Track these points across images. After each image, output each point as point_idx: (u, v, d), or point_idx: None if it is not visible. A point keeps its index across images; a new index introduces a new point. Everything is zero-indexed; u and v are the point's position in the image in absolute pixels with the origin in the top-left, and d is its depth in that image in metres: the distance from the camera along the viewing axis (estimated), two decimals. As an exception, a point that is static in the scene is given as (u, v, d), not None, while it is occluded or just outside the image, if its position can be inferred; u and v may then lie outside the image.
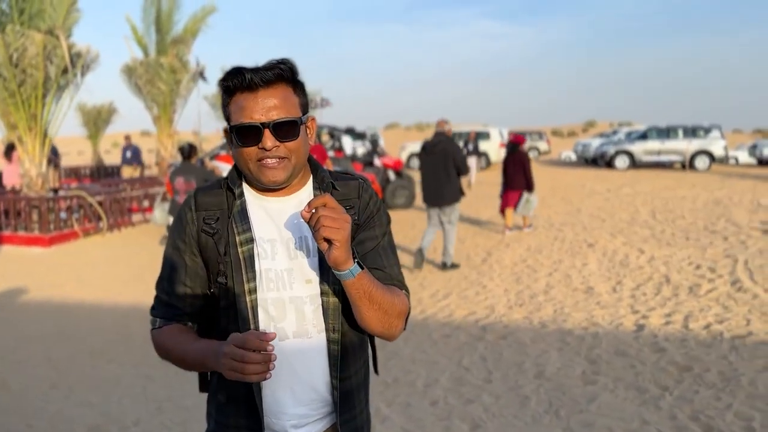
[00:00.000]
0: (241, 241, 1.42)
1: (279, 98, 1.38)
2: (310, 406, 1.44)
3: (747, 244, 8.33)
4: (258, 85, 1.36)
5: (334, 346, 1.43)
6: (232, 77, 1.38)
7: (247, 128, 1.36)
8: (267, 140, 1.36)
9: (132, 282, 7.84)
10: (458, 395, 4.16)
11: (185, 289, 1.48)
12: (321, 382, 1.44)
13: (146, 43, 15.57)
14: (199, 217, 1.46)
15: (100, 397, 4.45)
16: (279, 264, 1.42)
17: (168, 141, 15.67)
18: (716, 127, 22.16)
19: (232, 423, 1.46)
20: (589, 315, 5.74)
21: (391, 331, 1.42)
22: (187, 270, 1.47)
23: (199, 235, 1.46)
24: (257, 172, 1.40)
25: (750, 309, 5.64)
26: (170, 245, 1.51)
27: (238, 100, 1.39)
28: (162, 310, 1.51)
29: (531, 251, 8.73)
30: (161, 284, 1.52)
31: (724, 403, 3.83)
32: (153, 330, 1.52)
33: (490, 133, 24.70)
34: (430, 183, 7.59)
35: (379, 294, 1.35)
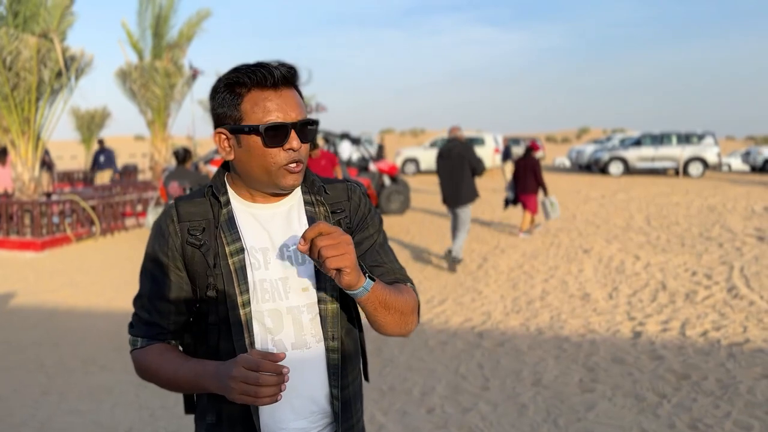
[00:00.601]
0: (231, 252, 1.34)
1: (297, 98, 1.33)
2: (310, 419, 1.39)
3: (742, 251, 8.33)
4: (280, 82, 1.30)
5: (334, 354, 1.38)
6: (252, 72, 1.29)
7: (279, 127, 1.29)
8: (293, 141, 1.30)
9: (125, 287, 7.76)
10: (455, 403, 4.11)
11: (168, 306, 1.38)
12: (320, 394, 1.39)
13: (141, 47, 15.53)
14: (183, 228, 1.37)
15: (91, 404, 4.38)
16: (273, 273, 1.36)
17: (162, 145, 15.60)
18: (710, 134, 22.25)
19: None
20: (586, 322, 5.71)
21: (407, 328, 1.40)
22: (170, 285, 1.38)
23: (184, 248, 1.36)
24: (278, 175, 1.33)
25: (747, 316, 5.62)
26: (149, 260, 1.41)
27: (258, 96, 1.30)
28: (143, 329, 1.41)
29: (527, 257, 8.70)
30: (141, 301, 1.41)
31: (723, 411, 3.81)
32: (134, 350, 1.42)
33: (484, 139, 24.70)
34: (447, 185, 8.00)
35: (393, 298, 1.32)
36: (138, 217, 12.92)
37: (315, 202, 1.44)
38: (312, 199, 1.44)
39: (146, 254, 1.42)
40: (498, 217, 12.90)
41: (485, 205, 15.19)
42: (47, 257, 9.95)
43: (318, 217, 1.42)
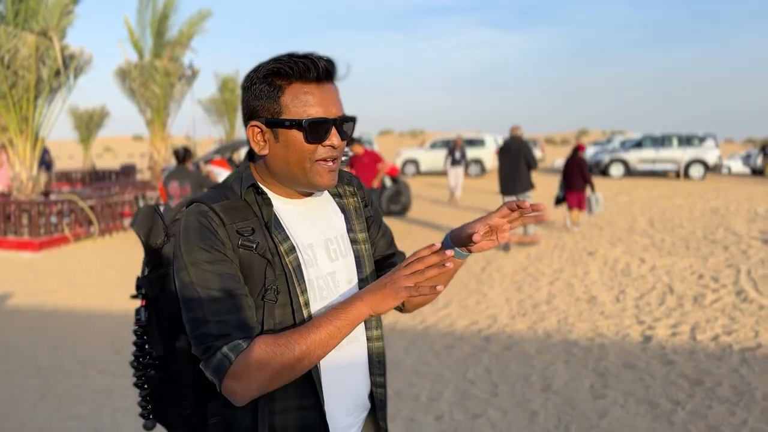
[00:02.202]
0: (285, 251, 1.25)
1: (338, 93, 1.28)
2: (355, 414, 1.37)
3: (748, 254, 8.25)
4: (324, 76, 1.24)
5: (379, 342, 1.39)
6: (296, 64, 1.21)
7: (322, 122, 1.23)
8: (334, 137, 1.25)
9: (124, 288, 7.66)
10: (464, 410, 4.02)
11: (249, 300, 1.20)
12: (364, 387, 1.37)
13: (142, 46, 15.41)
14: (232, 230, 1.22)
15: (90, 409, 4.28)
16: (323, 269, 1.31)
17: (161, 145, 15.50)
18: (711, 136, 22.18)
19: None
20: (594, 325, 5.62)
21: None
22: (242, 280, 1.21)
23: (236, 250, 1.22)
24: (314, 172, 1.25)
25: (757, 320, 5.53)
26: (207, 261, 1.18)
27: (300, 89, 1.22)
28: (237, 331, 1.16)
29: (531, 259, 8.61)
30: (215, 306, 1.16)
31: (739, 419, 3.71)
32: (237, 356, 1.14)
33: (485, 140, 24.61)
34: (506, 176, 9.10)
35: None
36: (137, 218, 12.81)
37: (344, 193, 1.44)
38: (339, 191, 1.43)
39: (197, 260, 1.19)
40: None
41: (487, 207, 15.12)
42: (45, 257, 9.84)
43: (349, 209, 1.42)
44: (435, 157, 24.27)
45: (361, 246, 1.40)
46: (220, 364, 1.13)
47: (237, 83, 25.78)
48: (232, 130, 26.31)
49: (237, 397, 1.15)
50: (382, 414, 1.40)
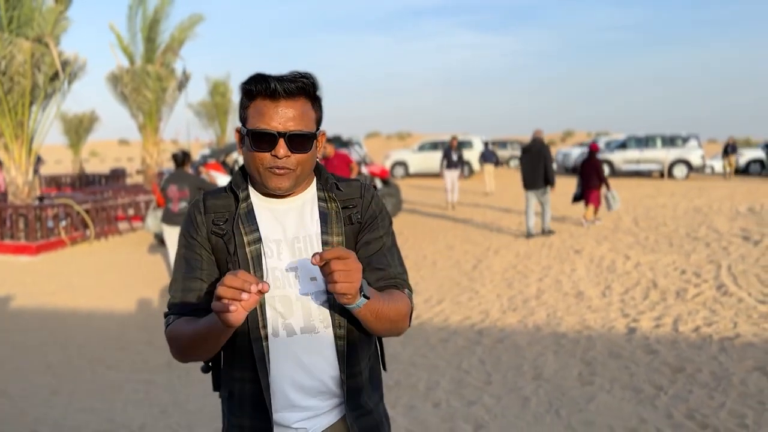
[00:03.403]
0: (249, 241, 1.46)
1: (298, 111, 1.43)
2: (319, 398, 1.48)
3: (729, 250, 8.55)
4: (280, 94, 1.40)
5: (341, 341, 1.47)
6: (257, 83, 1.41)
7: (264, 134, 1.41)
8: (280, 149, 1.41)
9: (124, 290, 7.83)
10: (460, 397, 4.25)
11: (200, 284, 1.49)
12: (328, 376, 1.47)
13: (132, 51, 15.54)
14: (209, 219, 1.51)
15: (102, 402, 4.46)
16: (284, 262, 1.47)
17: (154, 149, 15.62)
18: (694, 137, 22.63)
19: (236, 422, 1.49)
20: (582, 319, 5.88)
21: (397, 332, 1.51)
22: (201, 265, 1.50)
23: (209, 237, 1.50)
24: (265, 176, 1.45)
25: (736, 312, 5.81)
26: (183, 245, 1.54)
27: (259, 105, 1.43)
28: (175, 309, 1.51)
29: (520, 257, 8.88)
30: (175, 285, 1.53)
31: (718, 402, 3.97)
32: (167, 328, 1.50)
33: (473, 142, 24.91)
34: (528, 174, 10.34)
35: (385, 309, 1.41)
36: (131, 221, 12.95)
37: (328, 198, 1.54)
38: (325, 195, 1.54)
39: (179, 242, 1.55)
40: (489, 219, 13.08)
41: (477, 208, 15.38)
42: (42, 261, 9.97)
43: (330, 213, 1.52)
44: (424, 159, 24.55)
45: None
46: (165, 325, 1.51)
47: (228, 87, 25.91)
48: (223, 134, 26.43)
49: (172, 355, 1.51)
50: (349, 412, 1.47)
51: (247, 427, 1.48)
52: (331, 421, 1.50)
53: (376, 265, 1.52)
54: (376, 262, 1.52)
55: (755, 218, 11.31)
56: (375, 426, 1.55)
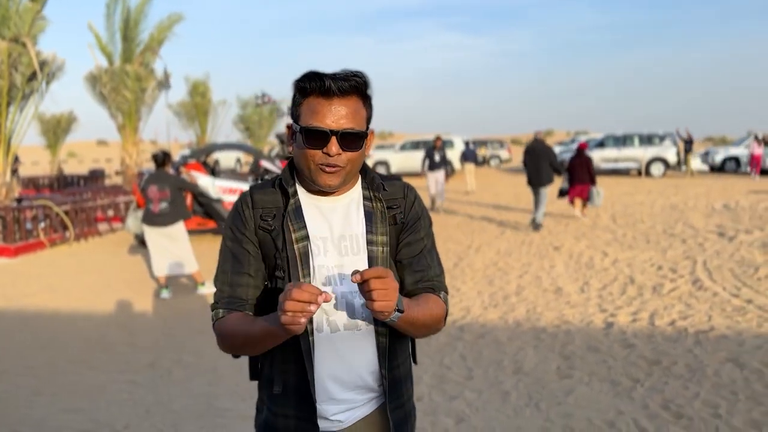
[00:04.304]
0: (297, 238, 1.50)
1: (351, 109, 1.45)
2: (356, 392, 1.53)
3: (704, 247, 8.73)
4: (334, 93, 1.43)
5: (383, 338, 1.52)
6: (311, 80, 1.44)
7: (317, 132, 1.43)
8: (332, 146, 1.43)
9: (105, 291, 7.79)
10: (442, 392, 4.32)
11: (248, 279, 1.54)
12: (367, 372, 1.53)
13: (111, 51, 15.41)
14: (256, 214, 1.53)
15: (86, 403, 4.46)
16: (330, 260, 1.50)
17: (133, 149, 15.52)
18: (670, 135, 22.97)
19: (281, 412, 1.55)
20: (561, 314, 5.98)
21: (431, 333, 1.58)
22: (250, 260, 1.54)
23: (257, 231, 1.53)
24: (315, 173, 1.48)
25: (711, 306, 5.95)
26: (230, 239, 1.56)
27: (312, 103, 1.45)
28: (225, 302, 1.54)
29: (501, 255, 8.98)
30: (222, 277, 1.56)
31: (692, 393, 4.08)
32: (216, 321, 1.54)
33: (454, 142, 25.04)
34: (531, 172, 11.11)
35: (420, 317, 1.47)
36: (110, 222, 12.86)
37: (373, 198, 1.57)
38: (371, 195, 1.58)
39: (226, 235, 1.58)
40: (470, 218, 13.19)
41: (459, 206, 15.48)
42: (21, 263, 9.87)
43: (375, 212, 1.56)
44: (405, 159, 24.65)
45: (378, 248, 1.53)
46: (213, 318, 1.56)
47: (208, 87, 25.74)
48: (204, 134, 26.27)
49: (219, 348, 1.57)
50: (386, 404, 1.54)
51: (291, 416, 1.53)
52: (365, 413, 1.56)
53: (417, 267, 1.57)
54: (416, 265, 1.58)
55: (730, 215, 11.54)
56: (406, 416, 1.63)
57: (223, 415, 4.14)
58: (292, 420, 1.53)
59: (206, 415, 4.17)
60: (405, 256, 1.58)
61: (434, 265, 1.62)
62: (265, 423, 1.60)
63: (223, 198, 10.69)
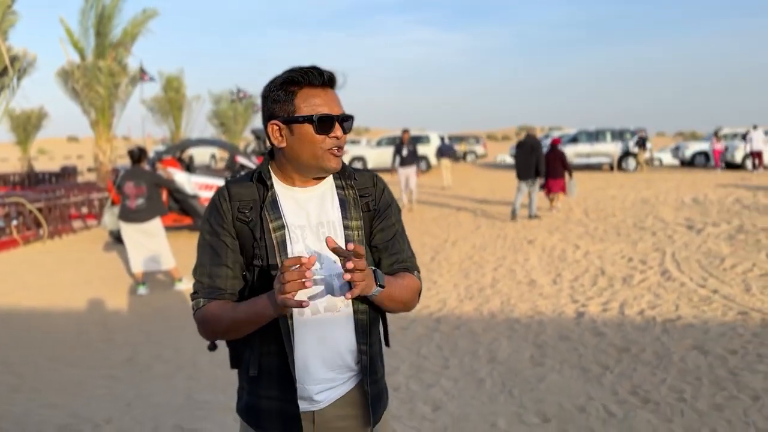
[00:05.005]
0: (274, 228, 1.58)
1: (337, 96, 1.62)
2: (337, 371, 1.62)
3: (674, 239, 8.97)
4: (326, 83, 1.59)
5: (362, 316, 1.62)
6: (307, 74, 1.57)
7: (329, 118, 1.56)
8: (338, 130, 1.58)
9: (81, 287, 7.77)
10: (419, 381, 4.43)
11: (226, 270, 1.61)
12: (346, 350, 1.61)
13: (83, 46, 15.21)
14: (234, 206, 1.61)
15: (66, 398, 4.48)
16: (309, 247, 1.59)
17: (107, 146, 15.36)
18: (642, 131, 23.37)
19: (264, 394, 1.62)
20: (534, 305, 6.13)
21: (408, 309, 1.69)
22: (227, 252, 1.61)
23: (234, 223, 1.61)
24: (324, 158, 1.58)
25: (678, 296, 6.15)
26: (208, 232, 1.64)
27: (308, 93, 1.58)
28: (205, 292, 1.62)
29: (476, 249, 9.13)
30: (201, 269, 1.63)
31: (659, 379, 4.24)
32: (197, 311, 1.61)
33: (430, 137, 25.20)
34: (522, 166, 11.55)
35: (398, 291, 1.61)
36: (85, 220, 12.75)
37: (345, 186, 1.68)
38: (343, 183, 1.68)
39: (203, 228, 1.65)
40: (447, 213, 13.33)
41: (435, 200, 15.61)
42: (-6, 261, 9.75)
43: (348, 200, 1.67)
44: (382, 154, 24.75)
45: (354, 232, 1.63)
46: (193, 308, 1.64)
47: (182, 82, 25.53)
48: (178, 130, 26.06)
49: (201, 335, 1.65)
50: (365, 378, 1.62)
51: (274, 398, 1.61)
52: (344, 391, 1.65)
53: (392, 251, 1.69)
54: (391, 248, 1.69)
55: (699, 208, 11.84)
56: (380, 392, 1.72)
57: (204, 408, 4.20)
58: (274, 401, 1.61)
59: (187, 407, 4.22)
60: (380, 241, 1.69)
61: (406, 248, 1.74)
62: (247, 406, 1.67)
63: (199, 194, 10.67)
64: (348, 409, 1.65)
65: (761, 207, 11.41)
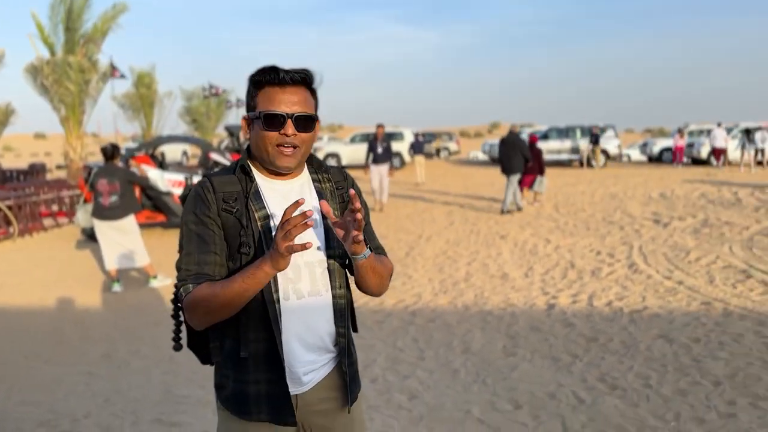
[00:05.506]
0: (259, 217, 1.66)
1: (301, 97, 1.67)
2: (317, 353, 1.71)
3: (641, 233, 9.22)
4: (287, 82, 1.65)
5: (341, 300, 1.73)
6: (266, 73, 1.64)
7: (274, 116, 1.63)
8: (289, 128, 1.64)
9: (55, 286, 7.71)
10: (395, 372, 4.53)
11: (214, 257, 1.65)
12: (326, 333, 1.72)
13: (53, 41, 14.98)
14: (218, 197, 1.67)
15: (43, 395, 4.48)
16: None
17: (77, 143, 15.15)
18: (611, 127, 23.85)
19: (252, 379, 1.67)
20: (506, 297, 6.29)
21: (382, 290, 1.81)
22: (215, 239, 1.66)
23: (220, 213, 1.67)
24: (274, 155, 1.66)
25: (645, 287, 6.35)
26: (193, 222, 1.67)
27: (268, 92, 1.66)
28: (193, 278, 1.64)
29: (450, 244, 9.27)
30: (188, 258, 1.66)
31: (626, 366, 4.41)
32: (188, 295, 1.62)
33: (404, 134, 25.33)
34: (504, 161, 11.98)
35: (379, 266, 1.73)
36: (56, 217, 12.60)
37: (322, 179, 1.79)
38: (319, 177, 1.79)
39: (188, 219, 1.69)
40: (421, 209, 13.45)
41: (409, 199, 15.72)
42: (-37, 260, 9.61)
43: (325, 191, 1.78)
44: (356, 151, 24.82)
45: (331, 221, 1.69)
46: (180, 298, 1.66)
47: (153, 78, 25.24)
48: (149, 127, 25.77)
49: (190, 323, 1.66)
50: (343, 360, 1.73)
51: (262, 381, 1.67)
52: (325, 373, 1.75)
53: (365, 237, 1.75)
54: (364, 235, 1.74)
55: (666, 203, 12.14)
56: (355, 373, 1.83)
57: (183, 402, 4.25)
58: (263, 385, 1.68)
59: (165, 402, 4.26)
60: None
61: (375, 237, 1.87)
62: (234, 394, 1.71)
63: (173, 191, 10.63)
64: (329, 392, 1.75)
65: (725, 201, 11.76)
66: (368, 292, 1.79)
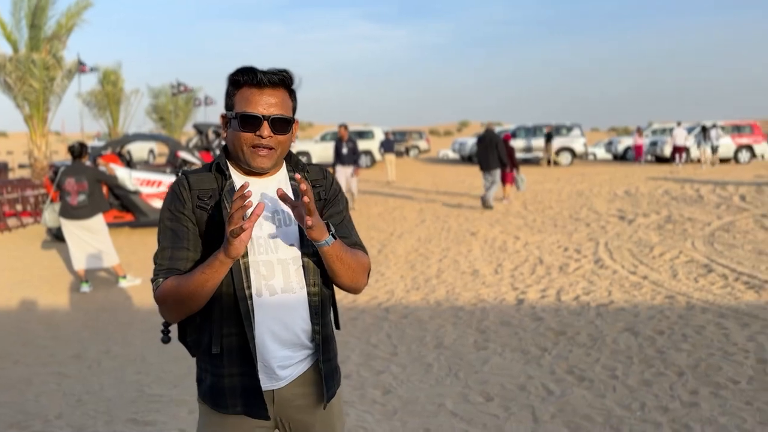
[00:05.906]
0: None
1: (279, 99, 1.68)
2: (293, 350, 1.73)
3: (606, 229, 9.44)
4: (265, 84, 1.65)
5: (315, 298, 1.73)
6: (244, 74, 1.65)
7: (251, 117, 1.64)
8: (264, 130, 1.64)
9: (21, 286, 7.59)
10: (369, 368, 4.59)
11: (187, 253, 1.67)
12: (301, 330, 1.72)
13: (16, 38, 14.66)
14: (194, 195, 1.69)
15: (13, 396, 4.43)
16: (266, 232, 1.70)
17: (42, 141, 14.85)
18: (577, 126, 24.24)
19: (227, 372, 1.70)
20: (477, 293, 6.39)
21: (357, 284, 1.80)
22: (189, 235, 1.68)
23: (195, 210, 1.69)
24: (249, 155, 1.67)
25: (611, 282, 6.52)
26: (168, 218, 1.70)
27: (246, 93, 1.66)
28: (164, 272, 1.67)
29: (421, 241, 9.36)
30: (162, 253, 1.69)
31: (593, 358, 4.54)
32: (156, 289, 1.66)
33: (374, 132, 25.39)
34: (483, 159, 12.33)
35: (348, 256, 1.72)
36: (20, 217, 12.35)
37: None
38: (295, 176, 1.77)
39: (164, 216, 1.72)
40: (391, 207, 13.53)
41: (380, 197, 15.78)
42: (-76, 261, 9.37)
43: None
44: (325, 149, 24.81)
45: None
46: (154, 288, 1.68)
47: (119, 75, 24.84)
48: (116, 125, 25.36)
49: (163, 316, 1.70)
50: (319, 356, 1.74)
51: (236, 374, 1.70)
52: (301, 370, 1.77)
53: (342, 234, 1.78)
54: (342, 232, 1.78)
55: (630, 200, 12.43)
56: (333, 370, 1.84)
57: (157, 401, 4.23)
58: (236, 378, 1.71)
59: (139, 401, 4.25)
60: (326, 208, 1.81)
61: (354, 233, 1.86)
62: (211, 387, 1.75)
63: (141, 190, 10.52)
64: (306, 388, 1.78)
65: (688, 198, 12.08)
66: (342, 287, 1.80)
